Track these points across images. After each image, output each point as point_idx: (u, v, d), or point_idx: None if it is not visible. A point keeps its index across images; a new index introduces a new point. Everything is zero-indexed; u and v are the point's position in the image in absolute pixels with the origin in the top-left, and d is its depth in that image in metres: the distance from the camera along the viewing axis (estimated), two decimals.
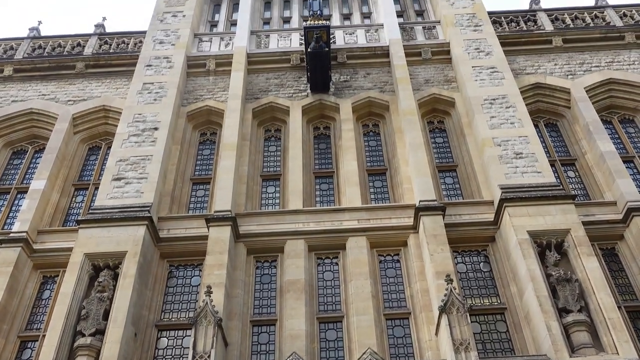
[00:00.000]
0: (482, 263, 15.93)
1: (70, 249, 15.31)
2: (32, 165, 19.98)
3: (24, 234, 16.58)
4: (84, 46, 23.09)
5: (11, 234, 16.77)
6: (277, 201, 17.96)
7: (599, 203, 17.15)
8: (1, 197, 19.26)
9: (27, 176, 19.69)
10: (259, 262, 16.13)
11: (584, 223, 15.17)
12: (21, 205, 17.92)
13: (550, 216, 15.05)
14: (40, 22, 24.68)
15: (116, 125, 19.11)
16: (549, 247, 14.51)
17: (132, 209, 15.90)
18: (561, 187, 16.50)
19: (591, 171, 18.37)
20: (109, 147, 19.28)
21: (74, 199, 18.96)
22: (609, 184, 17.40)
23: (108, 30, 24.40)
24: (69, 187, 19.15)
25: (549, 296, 13.39)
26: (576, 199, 16.13)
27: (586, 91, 20.17)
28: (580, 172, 18.72)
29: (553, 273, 13.82)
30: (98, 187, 17.39)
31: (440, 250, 14.74)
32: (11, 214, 18.58)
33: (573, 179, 18.59)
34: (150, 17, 23.07)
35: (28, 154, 20.40)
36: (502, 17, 23.30)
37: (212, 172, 18.68)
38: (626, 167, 17.92)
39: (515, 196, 15.54)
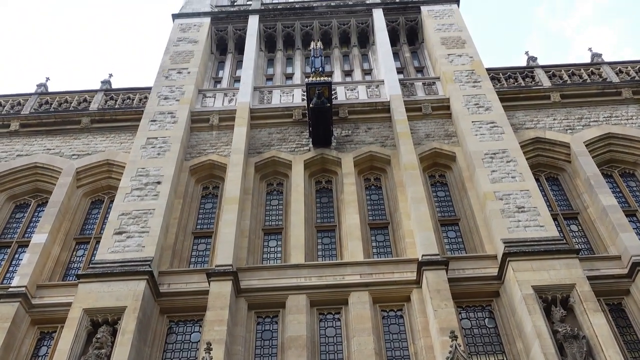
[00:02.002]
0: (487, 319, 15.65)
1: (69, 304, 15.11)
2: (34, 219, 20.00)
3: (23, 288, 16.40)
4: (90, 101, 23.51)
5: (10, 289, 16.59)
6: (279, 255, 17.85)
7: (603, 257, 17.00)
8: (2, 250, 19.19)
9: (28, 230, 19.68)
10: (260, 317, 15.87)
11: (589, 278, 14.99)
12: (21, 259, 17.82)
13: (555, 271, 14.90)
14: (48, 79, 25.22)
15: (119, 179, 19.23)
16: (555, 303, 14.28)
17: (132, 263, 15.79)
18: (564, 241, 16.40)
19: (594, 225, 18.31)
20: (112, 201, 19.33)
21: (74, 253, 18.88)
22: (613, 238, 17.31)
23: (114, 86, 24.91)
24: (70, 241, 19.11)
25: (557, 353, 13.09)
26: (580, 253, 16.03)
27: (586, 145, 20.37)
28: (583, 225, 18.66)
29: (560, 329, 13.56)
30: (99, 241, 17.33)
31: (444, 305, 14.51)
32: (11, 268, 18.46)
33: (576, 232, 18.51)
34: (155, 73, 23.62)
35: (30, 207, 20.45)
36: (501, 74, 23.78)
37: (214, 226, 18.66)
38: (629, 221, 17.86)
39: (518, 250, 15.44)
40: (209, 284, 15.47)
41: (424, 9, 26.95)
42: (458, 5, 26.97)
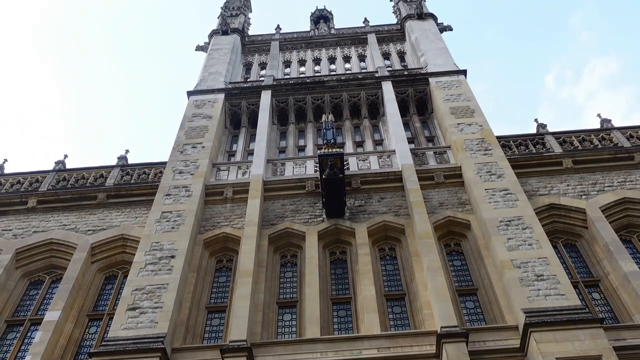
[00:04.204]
0: None
1: None
2: (47, 296, 19.92)
3: None
4: (106, 177, 23.90)
5: None
6: (294, 329, 17.47)
7: (629, 326, 16.41)
8: (15, 329, 19.04)
9: (42, 307, 19.57)
10: None
11: (615, 348, 14.41)
12: (34, 338, 17.62)
13: (579, 341, 14.38)
14: (66, 156, 25.77)
15: (133, 254, 19.21)
16: None
17: (145, 340, 15.51)
18: (587, 310, 15.95)
19: (616, 292, 17.85)
20: (126, 276, 19.25)
21: (87, 329, 18.67)
22: (637, 306, 16.80)
23: (131, 161, 25.38)
24: (83, 318, 18.95)
25: None
26: (604, 323, 15.50)
27: (602, 211, 20.17)
28: (605, 293, 18.19)
29: None
30: (112, 317, 17.15)
31: None
32: (23, 347, 18.23)
33: (598, 300, 18.02)
34: (170, 148, 23.99)
35: (44, 284, 20.41)
36: (511, 141, 23.95)
37: (228, 300, 18.42)
38: None
39: (540, 321, 14.98)
40: None
41: (432, 80, 27.56)
42: (465, 76, 27.58)
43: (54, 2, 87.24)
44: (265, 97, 27.84)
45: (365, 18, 37.76)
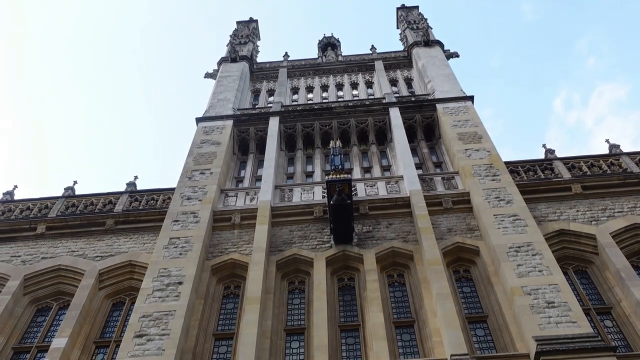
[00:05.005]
0: None
1: None
2: (55, 323, 19.87)
3: None
4: (115, 203, 23.99)
5: None
6: (302, 357, 17.28)
7: None
8: (21, 356, 18.97)
9: (49, 334, 19.52)
10: None
11: None
12: None
13: None
14: (75, 182, 25.94)
15: (141, 280, 19.18)
16: None
17: None
18: (599, 337, 15.68)
19: (629, 320, 17.55)
20: (133, 302, 19.16)
21: (94, 357, 18.55)
22: None
23: (139, 187, 25.50)
24: (90, 345, 18.85)
25: None
26: (617, 351, 15.24)
27: (612, 237, 19.97)
28: (618, 321, 17.89)
29: None
30: (119, 344, 17.04)
31: None
32: None
33: (611, 328, 17.72)
34: (178, 174, 24.09)
35: (52, 311, 20.38)
36: (519, 166, 23.88)
37: (235, 327, 18.28)
38: None
39: (552, 349, 14.74)
40: None
41: (439, 106, 27.65)
42: (472, 102, 27.68)
43: (64, 27, 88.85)
44: (273, 124, 28.03)
45: (373, 45, 38.22)
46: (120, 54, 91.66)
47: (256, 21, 42.04)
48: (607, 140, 25.55)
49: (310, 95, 33.77)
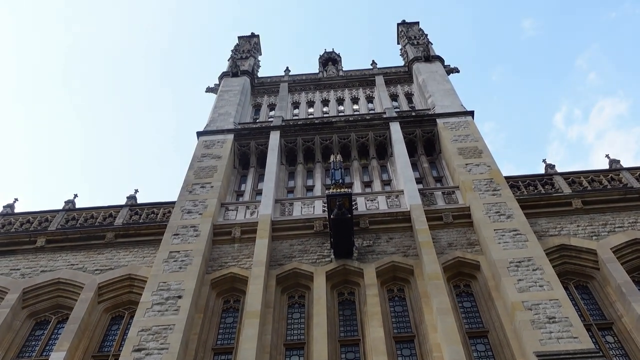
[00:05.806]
0: None
1: None
2: (53, 336, 19.74)
3: None
4: (115, 217, 23.96)
5: None
6: None
7: None
8: None
9: (47, 347, 19.37)
10: None
11: None
12: None
13: None
14: (75, 195, 25.94)
15: (140, 294, 19.10)
16: None
17: None
18: (601, 353, 15.58)
19: (630, 335, 17.45)
20: (132, 316, 19.08)
21: None
22: None
23: (140, 201, 25.46)
24: (88, 359, 18.68)
25: None
26: None
27: (613, 252, 19.93)
28: (619, 336, 17.79)
29: None
30: (118, 358, 16.93)
31: None
32: None
33: (612, 344, 17.62)
34: (179, 187, 24.11)
35: (50, 324, 20.26)
36: (519, 181, 23.89)
37: (235, 341, 18.18)
38: None
39: None
40: None
41: (440, 121, 27.73)
42: (472, 117, 27.76)
43: (65, 42, 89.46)
44: (274, 138, 28.11)
45: (373, 60, 38.40)
46: (123, 67, 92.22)
47: (258, 36, 42.35)
48: (607, 156, 25.61)
49: (311, 110, 33.90)
